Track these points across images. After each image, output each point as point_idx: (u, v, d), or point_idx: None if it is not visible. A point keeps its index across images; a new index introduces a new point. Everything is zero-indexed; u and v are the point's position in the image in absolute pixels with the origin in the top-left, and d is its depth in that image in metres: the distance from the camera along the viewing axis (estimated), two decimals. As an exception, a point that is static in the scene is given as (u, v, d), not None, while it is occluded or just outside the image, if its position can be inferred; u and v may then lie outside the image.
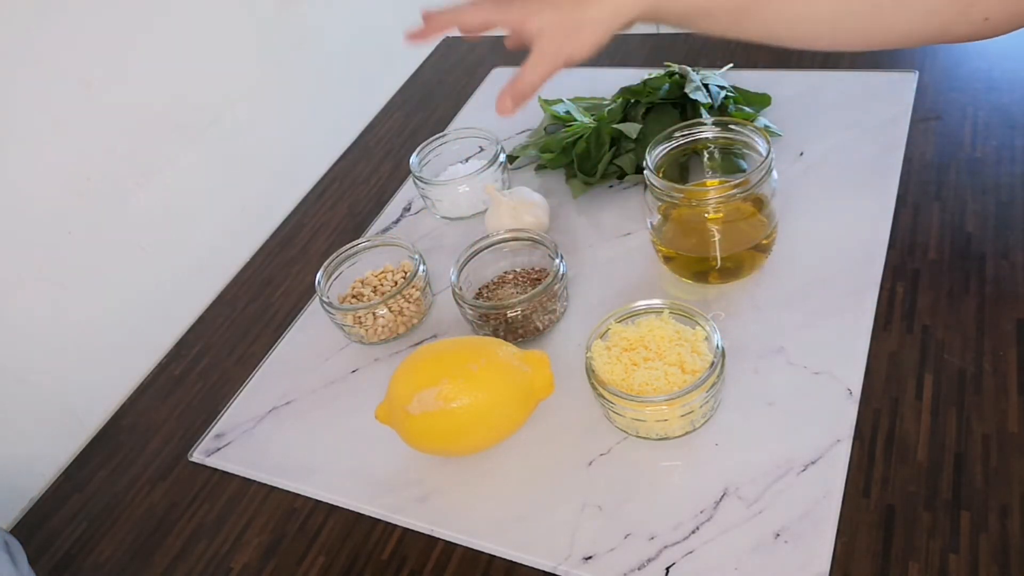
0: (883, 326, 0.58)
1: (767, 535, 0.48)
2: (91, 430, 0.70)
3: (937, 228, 0.63)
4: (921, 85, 0.77)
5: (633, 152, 0.74)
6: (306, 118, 0.92)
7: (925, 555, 0.46)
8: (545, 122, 0.84)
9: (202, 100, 0.78)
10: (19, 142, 0.63)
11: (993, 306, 0.57)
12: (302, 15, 0.89)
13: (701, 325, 0.55)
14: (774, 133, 0.75)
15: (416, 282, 0.67)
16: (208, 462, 0.64)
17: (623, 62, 0.95)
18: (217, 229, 0.81)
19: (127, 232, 0.73)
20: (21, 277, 0.65)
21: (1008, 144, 0.68)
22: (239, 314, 0.77)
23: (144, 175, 0.73)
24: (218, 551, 0.58)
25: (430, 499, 0.56)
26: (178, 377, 0.73)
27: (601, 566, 0.49)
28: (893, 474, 0.50)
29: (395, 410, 0.55)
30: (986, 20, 0.51)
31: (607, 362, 0.55)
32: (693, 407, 0.52)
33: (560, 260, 0.63)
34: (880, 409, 0.53)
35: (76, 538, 0.62)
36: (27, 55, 0.63)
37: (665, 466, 0.53)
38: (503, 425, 0.55)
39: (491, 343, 0.56)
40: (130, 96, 0.71)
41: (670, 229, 0.63)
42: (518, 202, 0.71)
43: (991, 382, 0.53)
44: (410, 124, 0.97)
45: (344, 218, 0.85)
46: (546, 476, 0.55)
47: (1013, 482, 0.48)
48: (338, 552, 0.55)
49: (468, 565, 0.52)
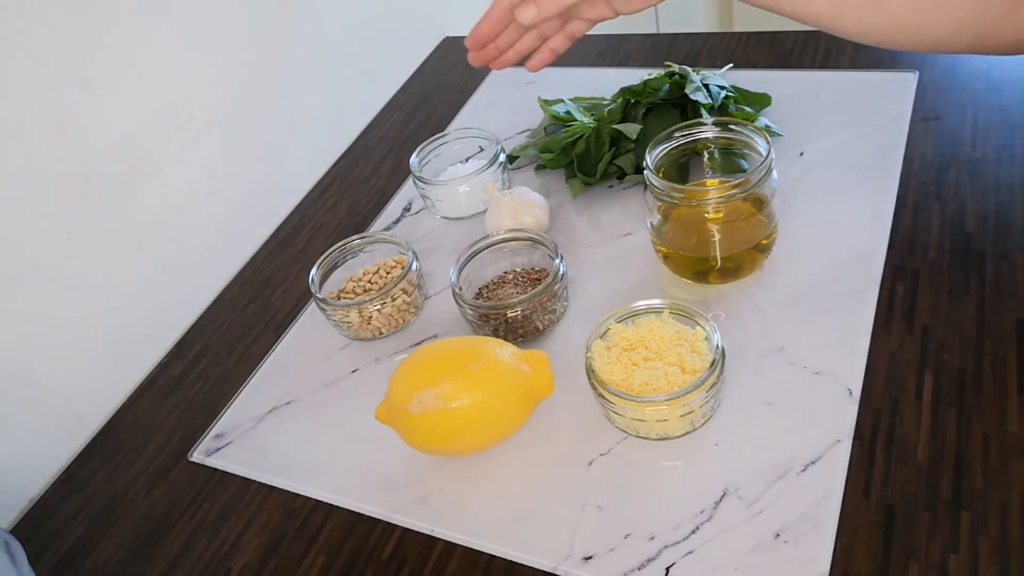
0: (883, 326, 0.58)
1: (767, 535, 0.48)
2: (91, 430, 0.70)
3: (937, 228, 0.63)
4: (921, 85, 0.77)
5: (633, 152, 0.74)
6: (306, 118, 0.92)
7: (925, 555, 0.46)
8: (545, 122, 0.84)
9: (202, 100, 0.78)
10: (19, 142, 0.63)
11: (993, 306, 0.57)
12: (302, 15, 0.89)
13: (701, 325, 0.55)
14: (774, 133, 0.75)
15: (409, 277, 0.67)
16: (208, 462, 0.64)
17: (623, 62, 0.95)
18: (217, 229, 0.81)
19: (127, 232, 0.73)
20: (21, 277, 0.65)
21: (1008, 144, 0.68)
22: (239, 314, 0.77)
23: (144, 175, 0.73)
24: (218, 551, 0.58)
25: (430, 499, 0.56)
26: (178, 377, 0.73)
27: (601, 566, 0.49)
28: (893, 474, 0.50)
29: (395, 410, 0.55)
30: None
31: (607, 362, 0.55)
32: (693, 407, 0.52)
33: (560, 260, 0.63)
34: (880, 409, 0.53)
35: (76, 538, 0.62)
36: (27, 55, 0.63)
37: (665, 466, 0.53)
38: (503, 425, 0.55)
39: (491, 343, 0.56)
40: (130, 96, 0.71)
41: (670, 229, 0.63)
42: (518, 202, 0.71)
43: (991, 382, 0.52)
44: (410, 124, 0.97)
45: (344, 218, 0.85)
46: (546, 476, 0.55)
47: (1013, 482, 0.48)
48: (338, 552, 0.55)
49: (468, 565, 0.52)
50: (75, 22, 0.66)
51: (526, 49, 0.62)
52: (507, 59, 0.62)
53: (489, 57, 0.62)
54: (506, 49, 0.62)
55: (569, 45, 0.62)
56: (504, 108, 0.92)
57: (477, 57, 0.62)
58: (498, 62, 0.63)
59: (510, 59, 0.63)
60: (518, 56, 0.62)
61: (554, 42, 0.62)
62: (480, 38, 0.61)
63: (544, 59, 0.62)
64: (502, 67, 0.63)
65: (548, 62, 0.63)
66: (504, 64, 0.63)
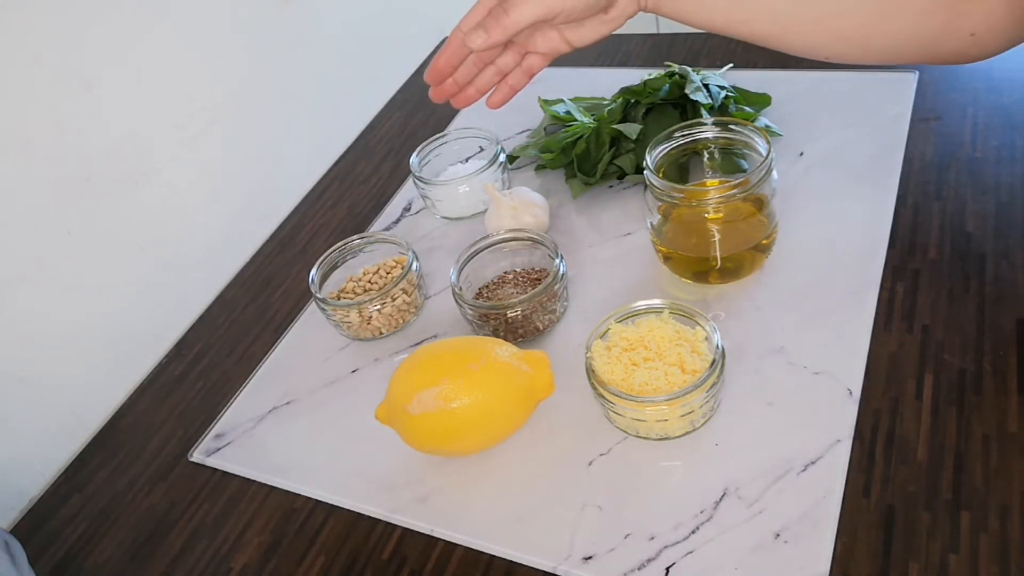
0: (883, 326, 0.58)
1: (767, 535, 0.48)
2: (91, 430, 0.70)
3: (937, 228, 0.63)
4: (921, 85, 0.77)
5: (633, 152, 0.74)
6: (306, 118, 0.92)
7: (925, 555, 0.46)
8: (545, 122, 0.84)
9: (202, 100, 0.78)
10: (19, 142, 0.63)
11: (993, 306, 0.57)
12: (302, 15, 0.89)
13: (701, 325, 0.55)
14: (774, 133, 0.75)
15: (409, 277, 0.67)
16: (208, 462, 0.64)
17: (623, 62, 0.95)
18: (217, 229, 0.81)
19: (127, 232, 0.72)
20: (21, 277, 0.65)
21: (1008, 144, 0.68)
22: (239, 314, 0.77)
23: (144, 175, 0.73)
24: (218, 551, 0.58)
25: (430, 499, 0.56)
26: (178, 377, 0.73)
27: (601, 566, 0.49)
28: (893, 474, 0.50)
29: (395, 410, 0.55)
30: (972, 36, 0.52)
31: (607, 362, 0.55)
32: (693, 407, 0.52)
33: (560, 260, 0.63)
34: (880, 409, 0.53)
35: (76, 538, 0.62)
36: (27, 55, 0.63)
37: (665, 466, 0.53)
38: (503, 425, 0.55)
39: (491, 343, 0.56)
40: (130, 96, 0.71)
41: (670, 229, 0.63)
42: (518, 202, 0.71)
43: (991, 382, 0.53)
44: (410, 124, 0.97)
45: (344, 218, 0.85)
46: (546, 476, 0.55)
47: (1013, 482, 0.48)
48: (338, 552, 0.55)
49: (468, 565, 0.52)
50: (75, 22, 0.66)
51: (485, 85, 0.62)
52: (468, 96, 0.62)
53: (448, 93, 0.62)
54: (465, 85, 0.62)
55: (527, 81, 0.63)
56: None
57: (437, 92, 0.62)
58: (459, 99, 0.62)
59: (471, 96, 0.62)
60: (479, 93, 0.62)
61: (512, 78, 0.62)
62: (438, 72, 0.61)
63: (503, 95, 0.63)
64: (464, 104, 0.63)
65: (508, 98, 0.63)
66: (466, 101, 0.62)
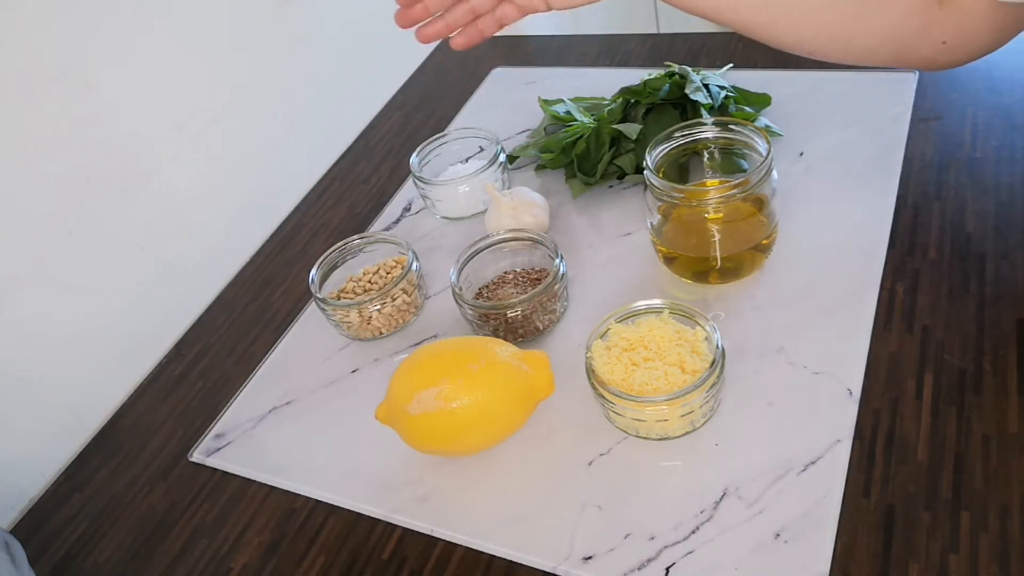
0: (883, 326, 0.58)
1: (767, 535, 0.48)
2: (91, 430, 0.70)
3: (937, 228, 0.63)
4: (921, 85, 0.77)
5: (633, 152, 0.74)
6: (306, 118, 0.91)
7: (925, 555, 0.46)
8: (545, 122, 0.84)
9: (202, 100, 0.78)
10: (19, 142, 0.63)
11: (993, 306, 0.57)
12: (302, 15, 0.89)
13: (701, 325, 0.55)
14: (774, 133, 0.75)
15: (409, 277, 0.67)
16: (208, 462, 0.64)
17: (623, 62, 0.95)
18: (217, 229, 0.81)
19: (127, 232, 0.72)
20: (21, 277, 0.65)
21: (1008, 144, 0.68)
22: (239, 314, 0.77)
23: (144, 175, 0.73)
24: (218, 551, 0.58)
25: (430, 499, 0.56)
26: (178, 377, 0.73)
27: (601, 566, 0.49)
28: (893, 474, 0.50)
29: (395, 410, 0.55)
30: (944, 44, 0.52)
31: (607, 362, 0.55)
32: (693, 407, 0.52)
33: (560, 260, 0.63)
34: (880, 409, 0.53)
35: (76, 538, 0.62)
36: (27, 55, 0.63)
37: (665, 466, 0.53)
38: (503, 425, 0.55)
39: (491, 343, 0.56)
40: (130, 96, 0.71)
41: (670, 229, 0.63)
42: (518, 202, 0.71)
43: (991, 382, 0.53)
44: (410, 124, 0.97)
45: (344, 218, 0.85)
46: (546, 476, 0.55)
47: (1013, 482, 0.48)
48: (338, 552, 0.55)
49: (468, 565, 0.52)
50: (75, 22, 0.66)
51: (455, 22, 0.60)
52: (436, 29, 0.60)
53: (417, 18, 0.59)
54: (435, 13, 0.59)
55: (497, 29, 0.61)
56: (504, 108, 0.92)
57: (403, 16, 0.59)
58: (425, 31, 0.60)
59: (439, 30, 0.60)
60: (448, 29, 0.60)
61: (483, 22, 0.60)
62: None
63: (469, 38, 0.61)
64: (427, 39, 0.60)
65: (474, 42, 0.61)
66: (431, 35, 0.60)
